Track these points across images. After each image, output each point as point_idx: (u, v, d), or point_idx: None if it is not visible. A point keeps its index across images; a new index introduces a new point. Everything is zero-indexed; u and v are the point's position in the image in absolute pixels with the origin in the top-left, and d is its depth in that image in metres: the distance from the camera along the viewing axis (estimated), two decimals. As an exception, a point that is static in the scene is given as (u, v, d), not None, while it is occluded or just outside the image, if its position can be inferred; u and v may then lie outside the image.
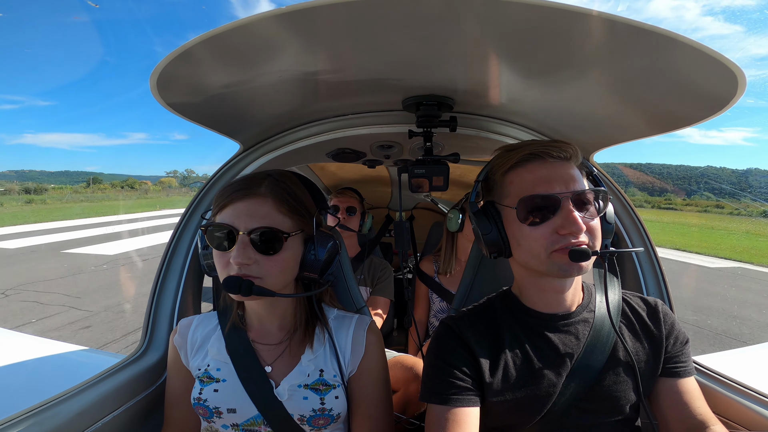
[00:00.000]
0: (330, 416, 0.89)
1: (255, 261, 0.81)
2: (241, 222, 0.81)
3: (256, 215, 0.82)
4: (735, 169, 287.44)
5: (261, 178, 0.87)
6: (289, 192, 0.87)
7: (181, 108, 0.93)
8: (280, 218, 0.84)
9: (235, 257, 0.79)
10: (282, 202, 0.85)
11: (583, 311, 0.88)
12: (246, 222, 0.81)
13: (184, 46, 0.65)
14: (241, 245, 0.80)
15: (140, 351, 1.14)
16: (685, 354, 0.89)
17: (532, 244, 0.80)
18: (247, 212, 0.82)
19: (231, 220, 0.82)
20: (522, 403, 0.82)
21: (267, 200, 0.84)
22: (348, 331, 0.97)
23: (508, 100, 1.04)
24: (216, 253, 0.84)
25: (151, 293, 1.20)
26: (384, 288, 2.06)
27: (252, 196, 0.83)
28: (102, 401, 0.93)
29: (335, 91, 0.99)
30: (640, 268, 1.23)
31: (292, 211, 0.86)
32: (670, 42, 0.58)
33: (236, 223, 0.81)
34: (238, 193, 0.83)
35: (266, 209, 0.83)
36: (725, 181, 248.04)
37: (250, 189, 0.84)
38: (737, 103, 0.73)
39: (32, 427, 0.79)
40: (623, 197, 1.23)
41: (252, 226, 0.81)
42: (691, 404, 0.84)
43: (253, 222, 0.81)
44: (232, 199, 0.83)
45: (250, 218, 0.81)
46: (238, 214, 0.82)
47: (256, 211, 0.82)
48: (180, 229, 1.24)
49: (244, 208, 0.82)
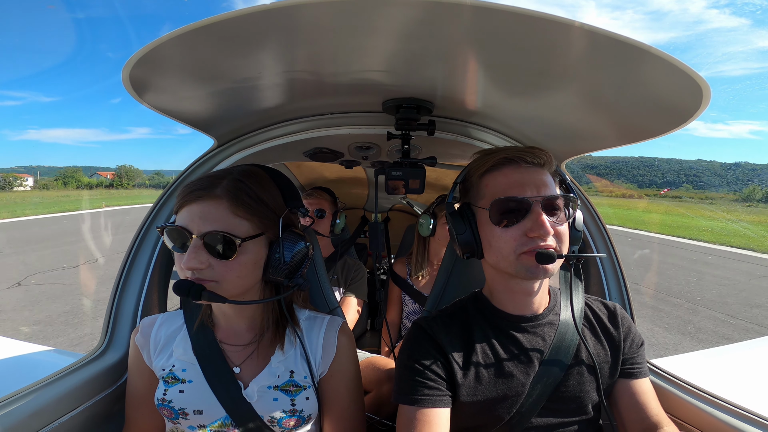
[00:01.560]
0: (301, 417, 0.88)
1: (209, 265, 0.78)
2: (195, 225, 0.78)
3: (209, 218, 0.78)
4: (724, 162, 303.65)
5: (220, 177, 0.83)
6: (248, 193, 0.82)
7: (153, 102, 0.90)
8: (235, 221, 0.80)
9: (185, 261, 0.77)
10: (238, 204, 0.80)
11: (549, 314, 0.92)
12: (199, 225, 0.78)
13: (157, 40, 0.62)
14: (193, 249, 0.77)
15: (100, 350, 1.08)
16: (641, 356, 0.94)
17: (502, 246, 0.82)
18: (200, 215, 0.79)
19: (186, 222, 0.79)
20: (493, 403, 0.84)
21: (221, 202, 0.80)
22: (319, 333, 0.96)
23: (487, 106, 1.06)
24: (176, 254, 0.81)
25: (112, 290, 1.15)
26: (357, 288, 2.05)
27: (206, 198, 0.79)
28: (58, 401, 0.89)
29: (314, 90, 0.98)
30: (604, 275, 1.28)
31: (250, 213, 0.82)
32: (640, 53, 0.60)
33: (190, 225, 0.78)
34: (193, 194, 0.80)
35: (220, 212, 0.79)
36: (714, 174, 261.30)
37: (205, 190, 0.80)
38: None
39: None
40: (591, 206, 1.29)
41: (204, 229, 0.77)
42: (647, 405, 0.89)
43: (206, 225, 0.78)
44: (187, 200, 0.80)
45: (203, 221, 0.78)
46: (192, 217, 0.79)
47: (209, 214, 0.79)
48: (146, 224, 1.19)
49: (198, 210, 0.79)
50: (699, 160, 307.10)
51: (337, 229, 2.08)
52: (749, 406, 0.94)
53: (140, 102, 0.86)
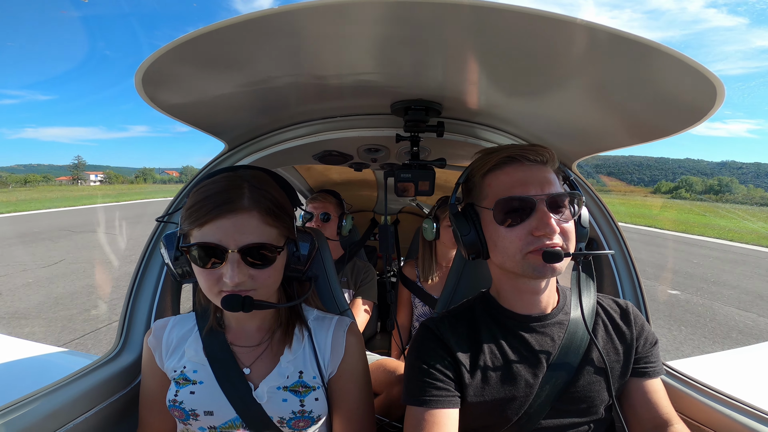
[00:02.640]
0: (310, 418, 0.88)
1: (249, 276, 0.79)
2: (231, 240, 0.77)
3: (244, 231, 0.78)
4: (710, 161, 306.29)
5: (239, 186, 0.81)
6: (272, 200, 0.83)
7: (166, 106, 0.92)
8: (268, 231, 0.81)
9: (231, 277, 0.76)
10: (267, 212, 0.81)
11: (558, 313, 0.91)
12: (236, 239, 0.77)
13: (169, 45, 0.64)
14: (234, 264, 0.77)
15: (115, 351, 1.10)
16: (654, 355, 0.92)
17: (507, 245, 0.82)
18: (235, 229, 0.78)
19: (218, 238, 0.77)
20: (501, 403, 0.83)
21: (252, 213, 0.80)
22: (327, 333, 0.96)
23: (495, 107, 1.06)
24: (200, 270, 0.80)
25: (127, 293, 1.17)
26: (367, 291, 2.05)
27: (237, 210, 0.78)
28: (73, 402, 0.91)
29: (323, 93, 0.98)
30: (617, 272, 1.26)
31: (277, 220, 0.83)
32: (652, 52, 0.59)
33: (224, 241, 0.77)
34: (222, 208, 0.78)
35: (254, 223, 0.79)
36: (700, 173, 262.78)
37: (233, 203, 0.78)
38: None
39: (1, 427, 0.76)
40: (601, 203, 1.27)
41: (242, 243, 0.77)
42: (658, 404, 0.88)
43: (243, 238, 0.78)
44: (214, 215, 0.78)
45: (240, 235, 0.78)
46: (225, 231, 0.77)
47: (243, 227, 0.78)
48: (160, 228, 1.21)
49: (230, 224, 0.78)
50: (687, 159, 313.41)
51: (344, 231, 2.07)
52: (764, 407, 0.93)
53: (153, 107, 0.88)
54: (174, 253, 0.85)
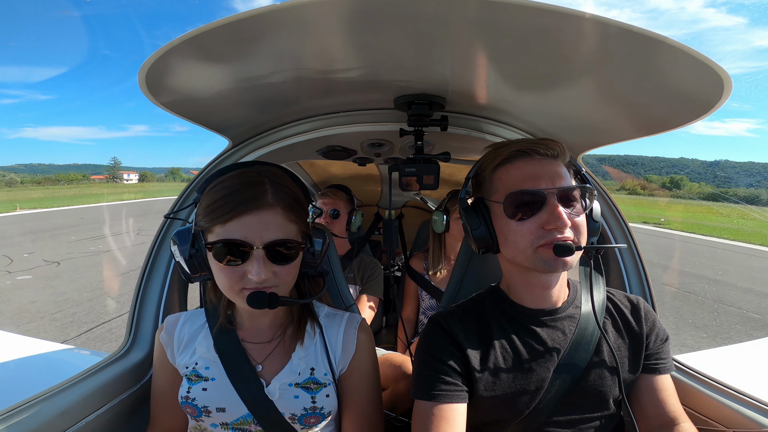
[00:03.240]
0: (321, 415, 0.89)
1: (273, 273, 0.79)
2: (256, 236, 0.77)
3: (270, 228, 0.78)
4: (704, 160, 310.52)
5: (260, 183, 0.81)
6: (292, 196, 0.83)
7: (169, 103, 0.92)
8: (290, 227, 0.82)
9: (257, 274, 0.76)
10: (290, 209, 0.82)
11: (569, 307, 0.90)
12: (261, 235, 0.77)
13: (172, 42, 0.64)
14: (259, 260, 0.77)
15: (124, 349, 1.12)
16: (665, 351, 0.91)
17: (518, 239, 0.81)
18: (260, 225, 0.77)
19: (243, 234, 0.77)
20: (512, 397, 0.83)
21: (277, 210, 0.80)
22: (339, 329, 0.96)
23: (499, 100, 1.05)
24: (221, 267, 0.79)
25: (135, 290, 1.18)
26: (373, 286, 2.05)
27: (262, 207, 0.78)
28: (85, 400, 0.92)
29: (326, 89, 0.98)
30: (624, 267, 1.25)
31: (297, 217, 0.83)
32: (658, 45, 0.58)
33: (249, 237, 0.77)
34: (248, 204, 0.77)
35: (278, 220, 0.80)
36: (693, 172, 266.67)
37: (258, 199, 0.78)
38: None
39: (13, 426, 0.77)
40: (608, 197, 1.26)
41: (267, 239, 0.77)
42: (666, 401, 0.87)
43: (268, 235, 0.78)
44: (240, 211, 0.77)
45: (266, 231, 0.78)
46: (251, 228, 0.77)
47: (269, 224, 0.78)
48: (166, 225, 1.22)
49: (256, 221, 0.77)
50: (682, 158, 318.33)
51: (353, 227, 2.05)
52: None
53: (156, 104, 0.88)
54: (189, 250, 0.84)
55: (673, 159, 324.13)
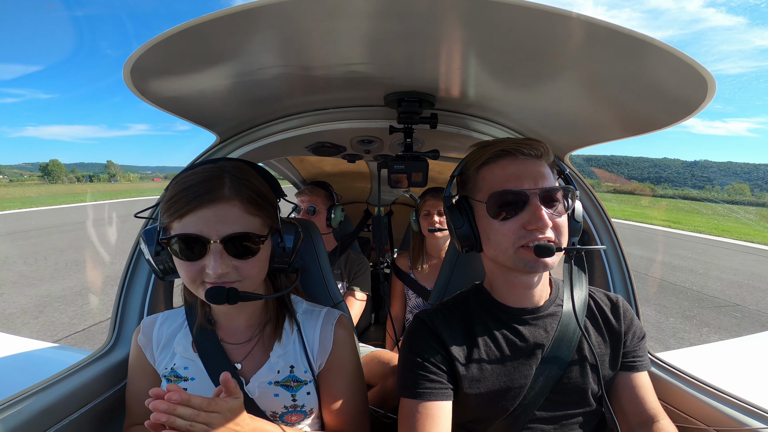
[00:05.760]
0: (302, 412, 0.89)
1: (233, 267, 0.77)
2: (212, 230, 0.75)
3: (226, 221, 0.76)
4: (684, 161, 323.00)
5: (218, 177, 0.79)
6: (253, 189, 0.81)
7: (155, 98, 0.90)
8: (251, 220, 0.80)
9: (214, 268, 0.74)
10: (249, 201, 0.79)
11: (551, 306, 0.91)
12: (218, 229, 0.75)
13: (158, 37, 0.62)
14: (216, 254, 0.75)
15: (107, 347, 1.10)
16: (642, 349, 0.93)
17: (500, 239, 0.82)
18: (216, 219, 0.76)
19: (199, 228, 0.75)
20: (496, 395, 0.84)
21: (234, 202, 0.78)
22: (316, 326, 0.95)
23: (488, 99, 1.05)
24: (181, 262, 0.78)
25: (119, 288, 1.16)
26: (361, 282, 2.05)
27: (217, 200, 0.76)
28: (68, 398, 0.90)
29: (316, 85, 0.97)
30: (608, 266, 1.28)
31: (259, 209, 0.81)
32: (645, 45, 0.59)
33: (205, 231, 0.75)
34: (202, 198, 0.75)
35: (236, 212, 0.78)
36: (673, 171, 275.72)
37: (213, 192, 0.76)
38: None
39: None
40: (594, 196, 1.28)
41: (225, 232, 0.76)
42: (645, 399, 0.89)
43: (225, 228, 0.76)
44: (194, 205, 0.75)
45: (222, 224, 0.76)
46: (207, 222, 0.75)
47: (225, 216, 0.76)
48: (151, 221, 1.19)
49: (212, 214, 0.76)
50: (665, 159, 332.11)
51: (334, 223, 2.05)
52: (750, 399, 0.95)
53: (142, 99, 0.86)
54: (155, 248, 0.82)
55: (656, 159, 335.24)
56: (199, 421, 0.67)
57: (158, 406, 0.65)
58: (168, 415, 0.65)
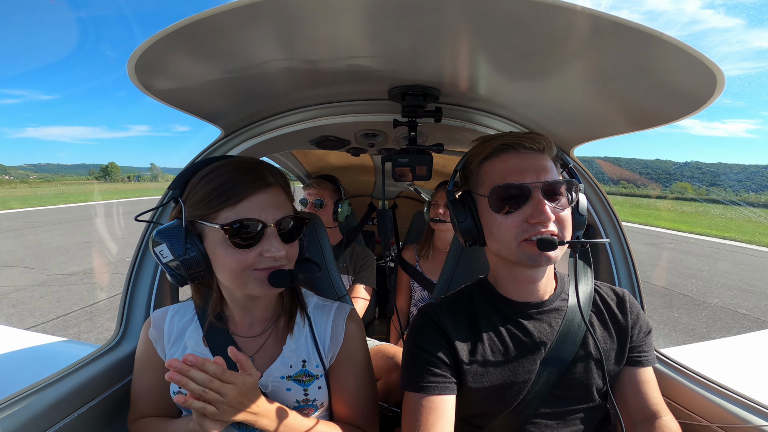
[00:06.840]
0: (314, 406, 0.90)
1: (285, 251, 0.81)
2: (268, 214, 0.79)
3: (279, 206, 0.82)
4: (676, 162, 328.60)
5: (258, 166, 0.83)
6: (285, 179, 0.88)
7: (160, 93, 0.90)
8: (290, 206, 0.86)
9: (277, 250, 0.78)
10: (286, 189, 0.86)
11: (555, 300, 0.91)
12: (273, 214, 0.80)
13: (162, 32, 0.63)
14: (273, 238, 0.79)
15: (115, 341, 1.11)
16: (648, 344, 0.93)
17: (503, 233, 0.82)
18: (270, 203, 0.80)
19: (257, 213, 0.78)
20: (500, 389, 0.85)
21: (279, 189, 0.84)
22: (327, 320, 0.96)
23: (493, 92, 1.04)
24: (233, 252, 0.77)
25: (125, 282, 1.17)
26: (366, 276, 2.06)
27: (270, 186, 0.82)
28: (77, 392, 0.91)
29: (321, 79, 0.97)
30: (613, 260, 1.27)
31: (290, 197, 0.88)
32: (652, 39, 0.58)
33: (263, 216, 0.79)
34: (256, 183, 0.79)
35: (282, 197, 0.84)
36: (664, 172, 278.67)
37: (265, 179, 0.81)
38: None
39: (5, 419, 0.77)
40: (599, 190, 1.26)
41: (278, 216, 0.81)
42: (648, 394, 0.89)
43: (279, 212, 0.81)
44: (250, 191, 0.78)
45: (275, 209, 0.80)
46: (263, 206, 0.79)
47: (277, 201, 0.82)
48: (158, 214, 1.20)
49: (266, 199, 0.80)
50: (657, 160, 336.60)
51: (340, 217, 2.07)
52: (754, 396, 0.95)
53: (147, 94, 0.86)
54: (183, 245, 0.78)
55: (648, 160, 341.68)
56: (212, 388, 0.69)
57: (173, 364, 0.67)
58: (180, 376, 0.67)
